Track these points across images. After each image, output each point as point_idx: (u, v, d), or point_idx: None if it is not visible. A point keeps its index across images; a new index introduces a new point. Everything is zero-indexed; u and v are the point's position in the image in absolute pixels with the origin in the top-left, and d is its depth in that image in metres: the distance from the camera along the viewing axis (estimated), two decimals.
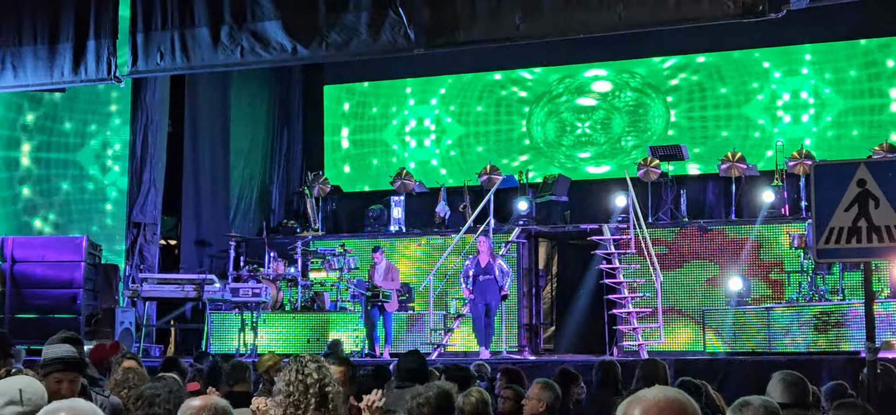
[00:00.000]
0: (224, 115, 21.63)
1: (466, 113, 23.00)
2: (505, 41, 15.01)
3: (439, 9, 13.76)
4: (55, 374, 5.79)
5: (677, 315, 17.70)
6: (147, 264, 19.13)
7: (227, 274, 18.85)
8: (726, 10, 12.43)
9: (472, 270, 16.62)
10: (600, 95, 22.17)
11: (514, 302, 18.21)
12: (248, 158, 22.65)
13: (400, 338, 17.76)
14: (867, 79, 20.58)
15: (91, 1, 15.41)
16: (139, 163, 19.32)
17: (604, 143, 22.00)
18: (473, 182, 20.87)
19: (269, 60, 15.16)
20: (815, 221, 7.25)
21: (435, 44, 14.28)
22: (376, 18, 13.89)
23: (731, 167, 19.18)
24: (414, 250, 19.56)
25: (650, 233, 17.48)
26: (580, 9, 13.34)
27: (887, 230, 6.95)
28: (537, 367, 14.48)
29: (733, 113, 21.37)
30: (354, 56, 16.07)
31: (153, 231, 19.48)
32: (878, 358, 7.32)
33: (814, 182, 7.37)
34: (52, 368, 5.82)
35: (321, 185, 21.75)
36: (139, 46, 15.08)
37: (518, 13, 13.40)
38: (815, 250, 7.44)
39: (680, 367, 13.74)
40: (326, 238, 20.36)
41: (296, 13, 14.44)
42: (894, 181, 7.00)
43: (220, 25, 14.70)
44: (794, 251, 16.89)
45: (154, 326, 18.81)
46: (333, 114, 24.00)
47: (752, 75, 21.32)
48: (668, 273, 17.49)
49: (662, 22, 13.81)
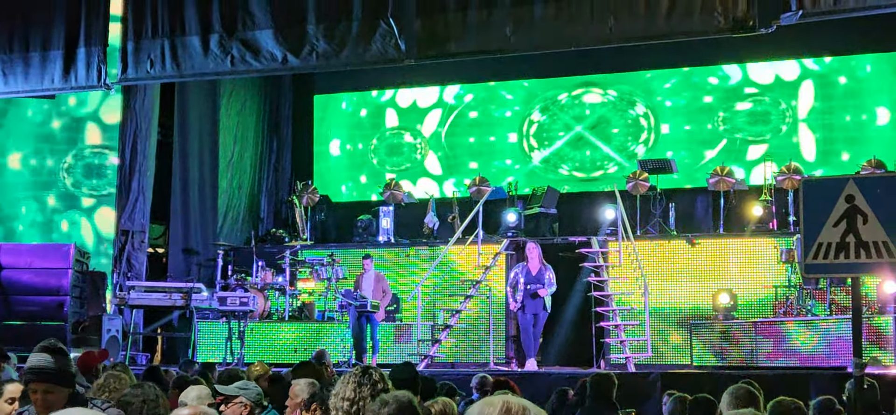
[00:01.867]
0: (213, 123, 21.59)
1: (457, 124, 23.01)
2: (496, 53, 15.07)
3: (430, 20, 13.79)
4: (31, 383, 5.75)
5: (665, 328, 17.73)
6: (134, 272, 19.08)
7: (215, 283, 18.81)
8: (717, 25, 12.51)
9: (523, 278, 16.60)
10: (591, 107, 22.19)
11: (501, 314, 18.22)
12: (237, 167, 22.61)
13: (387, 348, 17.74)
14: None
15: (82, 9, 15.43)
16: (128, 171, 19.29)
17: (594, 155, 22.02)
18: (462, 193, 20.89)
19: (260, 69, 15.18)
20: (804, 236, 7.26)
21: (426, 55, 14.32)
22: (367, 29, 13.93)
23: (720, 181, 19.25)
24: (402, 261, 19.55)
25: (638, 246, 17.51)
26: (571, 22, 13.40)
27: (875, 246, 6.97)
28: (525, 378, 14.48)
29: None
30: (345, 66, 16.09)
31: (141, 239, 19.44)
32: (865, 373, 7.34)
33: (802, 197, 7.39)
34: (28, 377, 5.79)
35: (310, 194, 21.73)
36: (129, 54, 15.10)
37: (509, 25, 13.45)
38: (803, 265, 7.46)
39: (667, 380, 13.76)
40: (315, 248, 20.33)
41: (287, 23, 14.46)
42: (882, 197, 7.01)
43: (211, 34, 14.72)
44: (782, 266, 16.93)
45: (141, 333, 18.76)
46: (323, 123, 23.99)
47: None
48: (655, 286, 17.52)
49: (653, 36, 13.88)
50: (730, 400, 6.54)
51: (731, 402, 6.54)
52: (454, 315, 17.30)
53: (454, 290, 18.14)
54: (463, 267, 18.49)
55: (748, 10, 12.35)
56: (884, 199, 7.01)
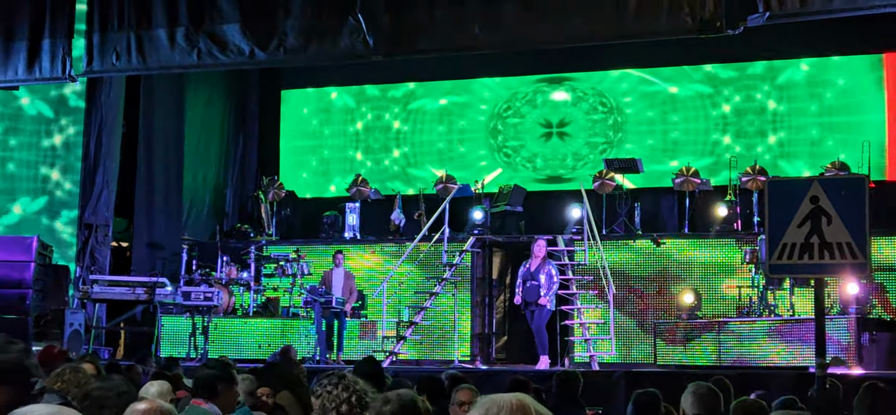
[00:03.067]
0: (179, 117, 21.45)
1: (423, 121, 22.98)
2: (464, 51, 15.07)
3: (399, 17, 13.76)
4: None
5: (629, 328, 17.80)
6: (98, 266, 18.95)
7: (179, 278, 18.72)
8: (685, 26, 12.55)
9: (520, 275, 16.58)
10: (559, 105, 22.22)
11: (466, 311, 18.23)
12: (203, 161, 22.49)
13: (352, 345, 17.70)
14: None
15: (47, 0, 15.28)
16: (92, 164, 19.14)
17: (561, 154, 22.05)
18: (429, 190, 20.87)
19: (227, 63, 15.10)
20: (768, 237, 7.31)
21: (394, 51, 14.29)
22: (335, 24, 13.87)
23: (685, 181, 19.32)
24: (368, 258, 19.52)
25: (604, 245, 17.56)
26: (539, 21, 13.41)
27: (838, 247, 7.02)
28: (489, 376, 14.50)
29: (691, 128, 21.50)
30: (313, 61, 16.06)
31: (105, 233, 19.31)
32: (827, 374, 7.39)
33: (767, 198, 7.43)
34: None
35: (276, 190, 21.65)
36: (95, 46, 14.97)
37: (477, 23, 13.44)
38: (767, 266, 7.50)
39: (631, 379, 13.81)
40: (280, 244, 20.28)
41: (254, 17, 14.38)
42: (847, 199, 7.07)
43: (177, 27, 14.62)
44: (746, 266, 17.03)
45: (104, 328, 18.62)
46: (290, 119, 23.89)
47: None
48: (620, 285, 17.58)
49: (621, 36, 13.93)
50: (692, 400, 6.56)
51: (694, 400, 6.56)
52: (419, 312, 17.29)
53: (419, 287, 18.13)
54: (429, 264, 18.46)
55: (716, 12, 12.40)
56: (848, 200, 7.07)
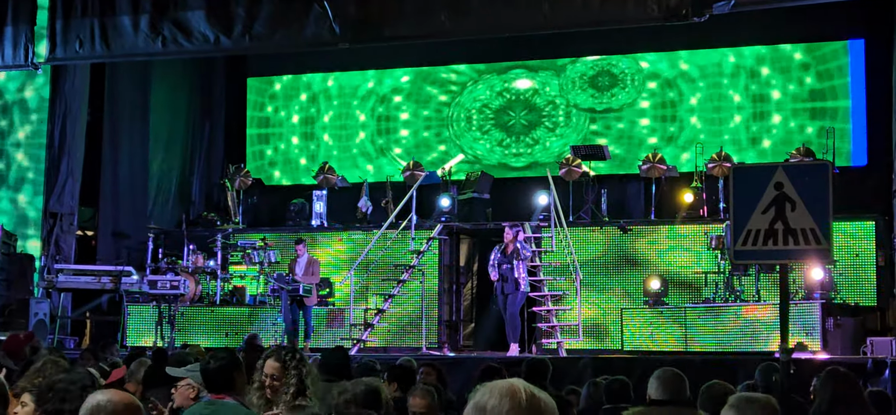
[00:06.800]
0: (144, 105, 21.31)
1: (390, 108, 22.95)
2: (431, 38, 15.08)
3: (365, 4, 13.75)
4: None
5: (596, 314, 17.86)
6: (63, 255, 18.80)
7: (145, 266, 18.62)
8: (650, 14, 12.60)
9: (497, 259, 16.48)
10: (524, 92, 22.24)
11: (434, 299, 18.25)
12: (168, 149, 22.36)
13: (320, 333, 17.69)
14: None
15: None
16: (57, 152, 18.99)
17: (527, 141, 22.08)
18: (396, 178, 20.84)
19: (191, 51, 15.05)
20: (733, 223, 7.36)
21: (360, 39, 14.29)
22: (301, 11, 13.84)
23: (652, 168, 19.37)
24: (335, 245, 19.48)
25: (571, 232, 17.61)
26: (506, 8, 13.45)
27: (803, 233, 7.08)
28: (457, 363, 14.53)
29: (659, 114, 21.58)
30: (279, 48, 16.02)
31: (70, 221, 19.18)
32: (792, 358, 7.45)
33: (732, 184, 7.48)
34: None
35: (242, 177, 21.55)
36: (58, 34, 14.86)
37: (444, 10, 13.45)
38: (732, 252, 7.56)
39: (598, 365, 13.86)
40: (247, 231, 20.19)
41: (219, 3, 14.34)
42: (811, 185, 7.13)
43: (142, 14, 14.55)
44: (711, 252, 17.13)
45: (69, 317, 18.50)
46: (256, 106, 23.79)
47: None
48: (587, 272, 17.63)
49: (587, 23, 13.99)
50: (657, 385, 6.61)
51: (659, 386, 6.60)
52: (387, 300, 17.29)
53: (387, 275, 18.10)
54: (396, 252, 18.45)
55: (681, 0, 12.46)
56: (812, 186, 7.12)
